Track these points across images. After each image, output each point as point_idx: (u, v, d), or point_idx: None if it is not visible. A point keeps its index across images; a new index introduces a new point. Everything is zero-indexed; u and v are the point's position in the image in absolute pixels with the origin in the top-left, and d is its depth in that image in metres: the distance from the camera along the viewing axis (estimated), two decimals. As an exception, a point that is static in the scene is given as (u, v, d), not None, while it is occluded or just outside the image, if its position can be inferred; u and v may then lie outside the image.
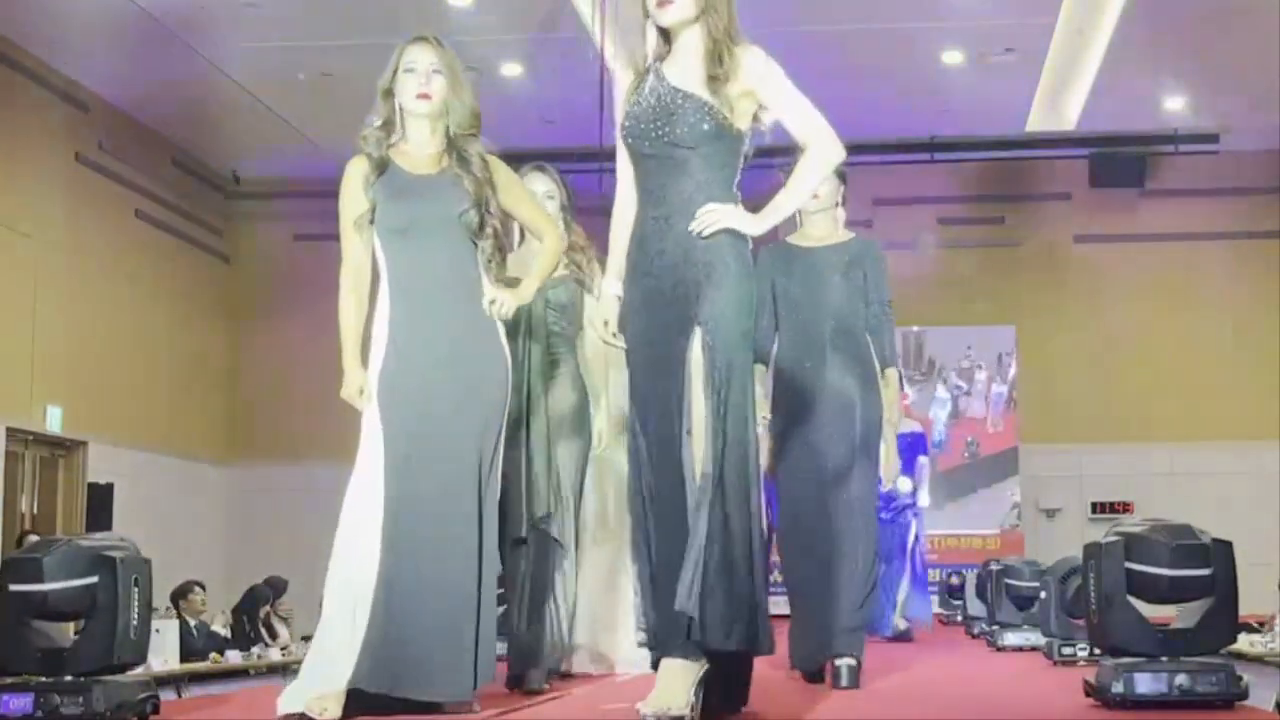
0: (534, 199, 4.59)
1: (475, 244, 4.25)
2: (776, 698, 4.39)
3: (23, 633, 4.08)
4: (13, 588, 4.07)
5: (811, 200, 4.92)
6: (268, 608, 12.36)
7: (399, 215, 4.29)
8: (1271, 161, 14.52)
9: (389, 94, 4.31)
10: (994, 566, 8.17)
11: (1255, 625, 9.64)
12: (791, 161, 3.81)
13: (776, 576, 5.89)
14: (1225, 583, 4.05)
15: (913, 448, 9.36)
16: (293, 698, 4.01)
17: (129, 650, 4.12)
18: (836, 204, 5.29)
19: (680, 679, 3.55)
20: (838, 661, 4.87)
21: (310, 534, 15.15)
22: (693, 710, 3.50)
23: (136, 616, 4.12)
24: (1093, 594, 4.13)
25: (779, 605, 4.84)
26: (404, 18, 11.37)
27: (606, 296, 3.83)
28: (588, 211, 5.54)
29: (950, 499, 14.28)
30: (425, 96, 4.26)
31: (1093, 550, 4.17)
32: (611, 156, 3.99)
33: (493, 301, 4.20)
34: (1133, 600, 4.05)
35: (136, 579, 4.12)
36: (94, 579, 4.06)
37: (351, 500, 4.17)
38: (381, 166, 4.33)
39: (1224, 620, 4.04)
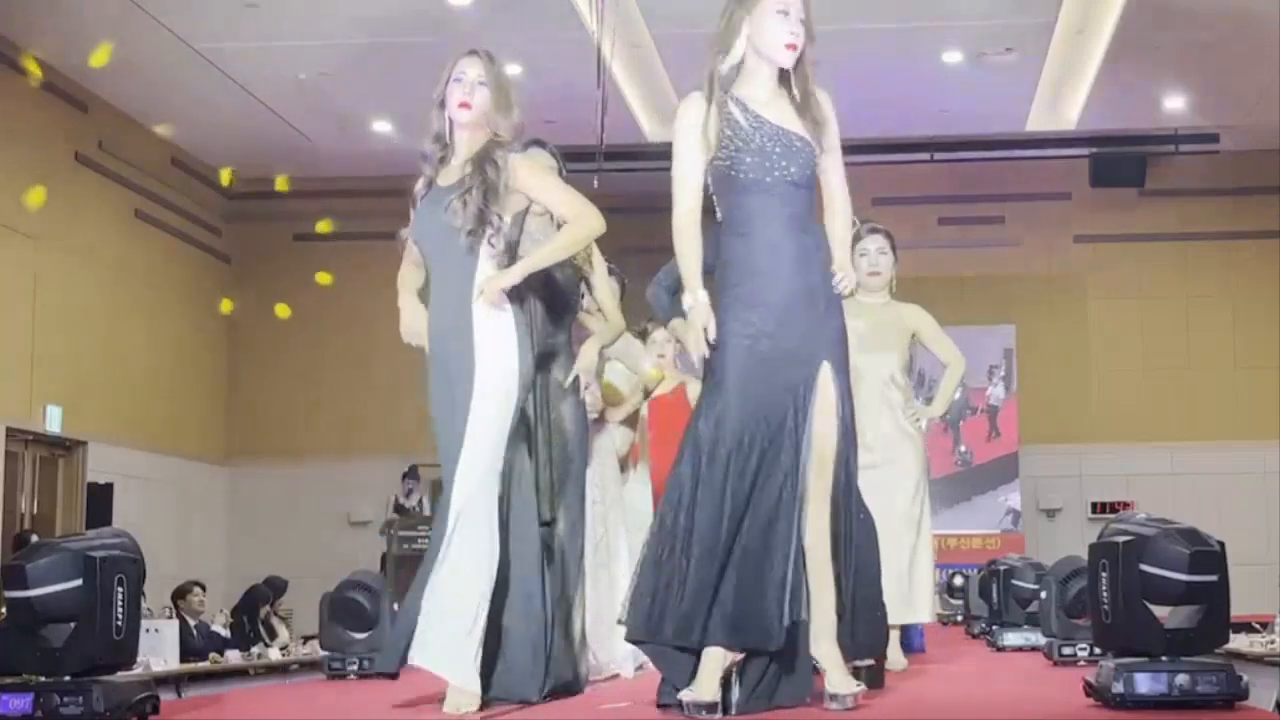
0: (565, 187, 4.49)
1: (490, 256, 4.34)
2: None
3: (21, 635, 4.08)
4: (6, 594, 4.07)
5: None
6: (267, 608, 12.37)
7: (419, 229, 4.46)
8: (1271, 161, 14.52)
9: (441, 104, 4.44)
10: (1000, 567, 8.16)
11: (1257, 625, 9.63)
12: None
13: None
14: (1222, 584, 4.05)
15: None
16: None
17: (115, 651, 4.09)
18: None
19: (719, 666, 3.91)
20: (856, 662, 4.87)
21: (310, 534, 15.25)
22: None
23: (122, 617, 4.08)
24: (1105, 595, 4.11)
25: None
26: (404, 17, 11.39)
27: (702, 303, 4.02)
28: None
29: (945, 507, 14.31)
30: (466, 106, 4.39)
31: (1105, 551, 4.14)
32: (609, 156, 4.14)
33: (481, 293, 4.26)
34: (1145, 603, 4.03)
35: (121, 579, 4.08)
36: (78, 582, 4.03)
37: None
38: (429, 183, 4.47)
39: (1218, 620, 4.04)
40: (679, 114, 4.19)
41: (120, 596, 4.07)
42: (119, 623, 4.07)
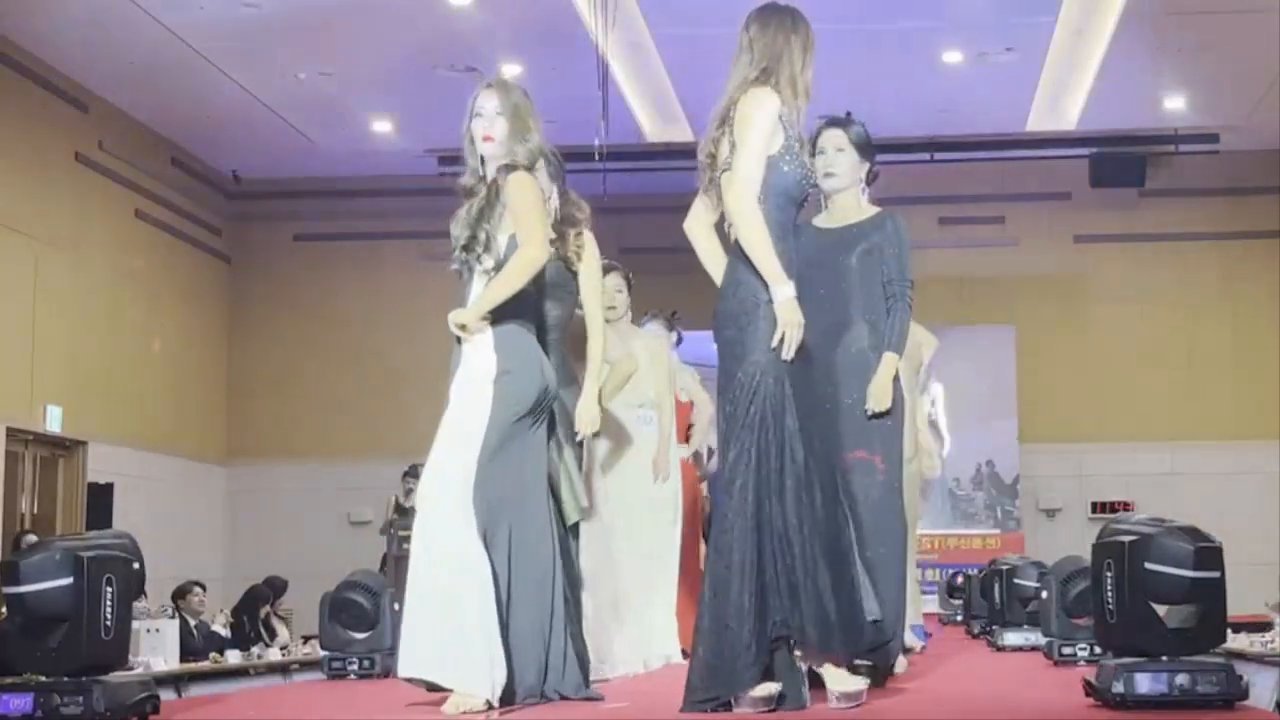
0: (532, 212, 4.48)
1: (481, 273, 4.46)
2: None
3: (20, 634, 4.08)
4: (4, 590, 4.08)
5: (830, 180, 5.07)
6: (267, 608, 12.36)
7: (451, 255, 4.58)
8: (1271, 161, 14.51)
9: (471, 139, 4.59)
10: (1002, 566, 8.16)
11: (1263, 623, 9.63)
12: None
13: None
14: (1222, 582, 4.05)
15: None
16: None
17: (105, 651, 4.08)
18: (859, 180, 5.21)
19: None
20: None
21: (310, 534, 15.22)
22: None
23: (111, 617, 4.07)
24: (1110, 595, 4.10)
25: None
26: (404, 17, 11.38)
27: (793, 298, 4.13)
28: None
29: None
30: (489, 139, 4.56)
31: (1109, 550, 4.13)
32: (611, 156, 4.16)
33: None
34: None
35: (110, 579, 4.07)
36: (68, 580, 4.03)
37: None
38: None
39: (1216, 620, 4.04)
40: (761, 101, 4.22)
41: (109, 597, 4.05)
42: (108, 623, 4.05)
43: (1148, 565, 3.99)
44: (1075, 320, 15.08)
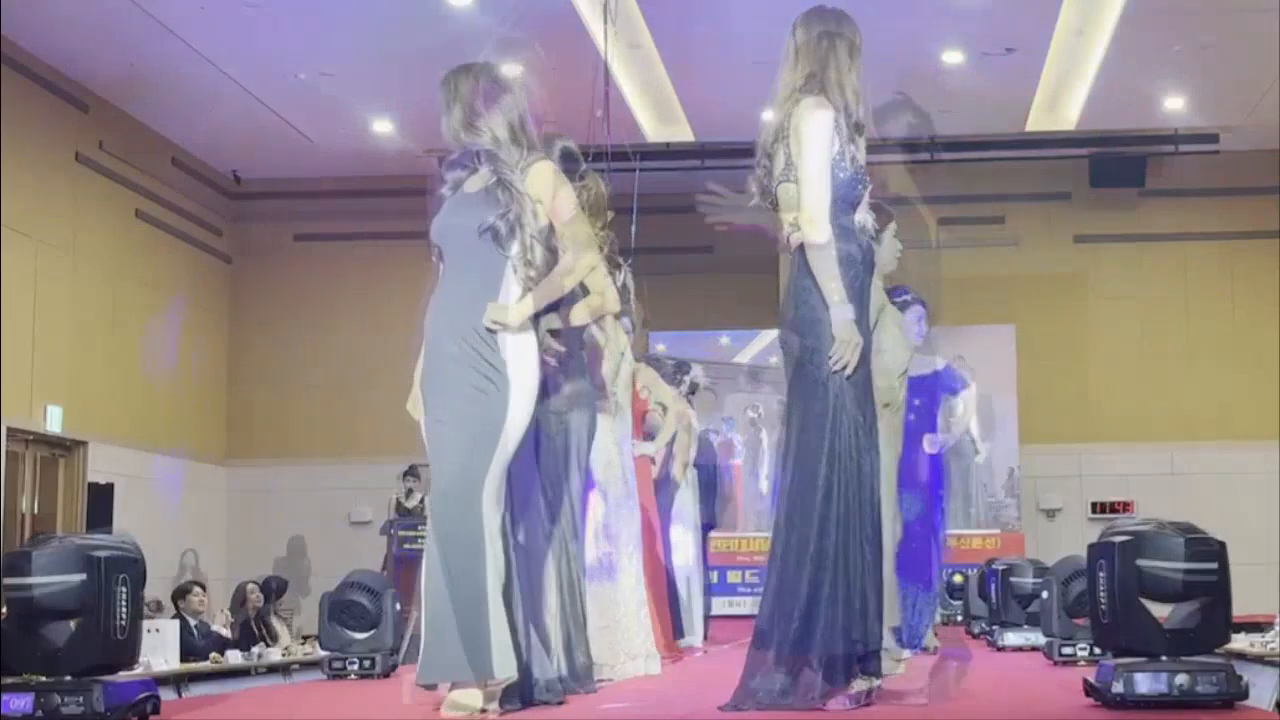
0: (573, 215, 4.49)
1: (505, 255, 4.34)
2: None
3: (22, 633, 4.08)
4: (8, 581, 4.08)
5: None
6: (260, 606, 12.35)
7: (435, 230, 4.47)
8: (1271, 161, 14.51)
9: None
10: (999, 566, 8.17)
11: (1258, 626, 9.62)
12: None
13: None
14: (1224, 582, 4.05)
15: (928, 392, 8.07)
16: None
17: (117, 651, 4.09)
18: None
19: None
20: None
21: (310, 534, 15.22)
22: None
23: (124, 617, 4.09)
24: (1103, 594, 4.11)
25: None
26: (404, 18, 11.38)
27: (853, 320, 4.08)
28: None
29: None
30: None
31: (1104, 550, 4.14)
32: (613, 156, 4.15)
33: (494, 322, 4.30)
34: (1144, 601, 4.03)
35: (123, 579, 4.08)
36: (80, 577, 4.03)
37: None
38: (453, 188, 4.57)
39: (1220, 620, 4.04)
40: (817, 117, 4.22)
41: (123, 596, 4.07)
42: (121, 622, 4.07)
43: (1139, 563, 4.00)
44: (1075, 320, 15.08)
